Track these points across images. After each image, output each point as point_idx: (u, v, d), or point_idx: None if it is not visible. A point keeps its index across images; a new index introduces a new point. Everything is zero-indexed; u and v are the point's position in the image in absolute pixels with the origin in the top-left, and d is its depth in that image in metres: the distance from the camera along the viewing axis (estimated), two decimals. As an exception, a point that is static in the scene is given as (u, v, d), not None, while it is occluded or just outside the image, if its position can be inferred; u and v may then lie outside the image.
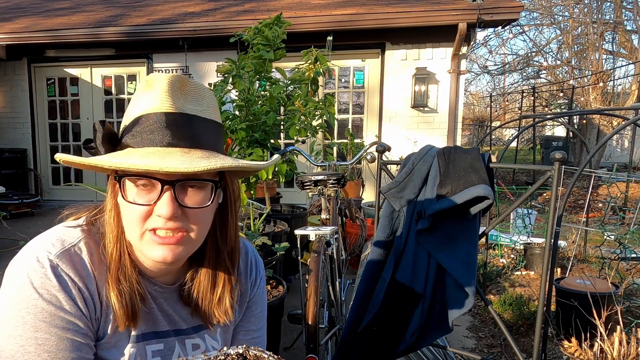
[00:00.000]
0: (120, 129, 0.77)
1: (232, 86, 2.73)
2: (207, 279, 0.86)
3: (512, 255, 4.14)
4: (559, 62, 12.21)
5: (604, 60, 10.27)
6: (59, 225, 0.82)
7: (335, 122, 6.04)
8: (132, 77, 6.98)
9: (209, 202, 0.76)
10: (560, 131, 15.25)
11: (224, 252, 0.86)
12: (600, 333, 2.04)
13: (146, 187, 0.73)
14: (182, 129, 0.73)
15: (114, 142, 0.75)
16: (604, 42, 10.41)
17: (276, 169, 2.56)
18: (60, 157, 0.73)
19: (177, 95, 0.74)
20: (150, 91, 0.74)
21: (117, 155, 0.72)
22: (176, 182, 0.72)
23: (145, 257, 0.79)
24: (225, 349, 0.75)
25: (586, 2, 10.82)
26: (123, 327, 0.79)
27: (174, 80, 0.75)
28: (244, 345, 0.75)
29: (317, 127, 3.04)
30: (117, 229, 0.78)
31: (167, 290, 0.86)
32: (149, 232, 0.74)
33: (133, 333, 0.81)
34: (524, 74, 13.44)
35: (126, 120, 0.76)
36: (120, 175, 0.73)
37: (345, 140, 5.99)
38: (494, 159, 8.06)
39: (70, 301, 0.73)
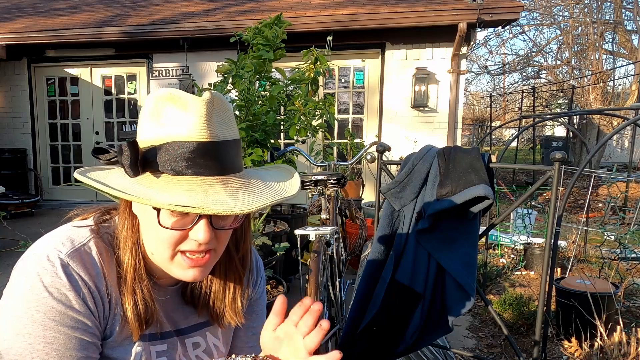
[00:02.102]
0: (142, 144, 0.73)
1: (232, 86, 2.73)
2: (219, 282, 0.88)
3: (512, 255, 4.14)
4: (559, 62, 12.21)
5: (604, 60, 10.27)
6: (67, 225, 0.82)
7: (335, 122, 6.04)
8: (132, 77, 6.98)
9: (238, 222, 0.79)
10: (560, 131, 15.25)
11: (235, 258, 0.88)
12: (600, 333, 2.04)
13: (181, 212, 0.72)
14: (218, 158, 0.72)
15: (144, 166, 0.72)
16: (604, 42, 10.41)
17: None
18: (105, 189, 0.72)
19: (211, 121, 0.72)
20: (183, 111, 0.71)
21: (158, 186, 0.70)
22: None
23: (172, 275, 0.80)
24: (233, 356, 0.77)
25: (586, 2, 10.82)
26: (137, 337, 0.80)
27: (209, 104, 0.72)
28: (252, 355, 0.76)
29: (317, 127, 3.04)
30: (132, 239, 0.79)
31: (170, 291, 0.87)
32: (180, 254, 0.76)
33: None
34: (524, 74, 13.44)
35: (150, 136, 0.72)
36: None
37: (345, 140, 5.99)
38: (494, 159, 8.06)
39: (79, 300, 0.73)
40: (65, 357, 0.72)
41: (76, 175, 0.75)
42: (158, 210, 0.71)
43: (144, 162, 0.72)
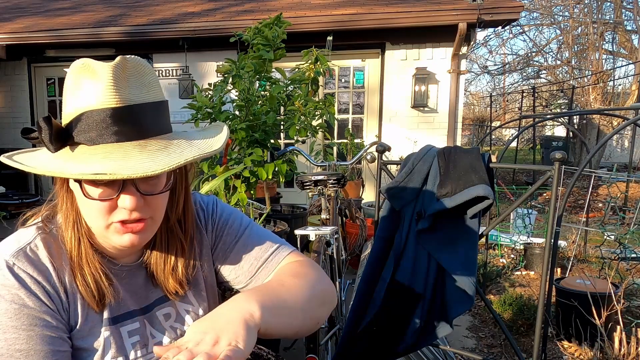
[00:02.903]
0: (64, 120, 0.73)
1: (232, 86, 2.73)
2: (161, 250, 0.87)
3: (512, 255, 4.14)
4: (559, 62, 12.21)
5: (604, 60, 10.27)
6: (19, 229, 0.83)
7: (335, 122, 6.04)
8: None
9: (169, 186, 0.78)
10: (560, 131, 15.23)
11: (173, 221, 0.87)
12: (600, 333, 2.04)
13: (105, 181, 0.72)
14: (133, 122, 0.71)
15: (64, 139, 0.72)
16: (604, 42, 10.41)
17: (276, 169, 2.56)
18: (21, 167, 0.73)
19: (122, 85, 0.71)
20: (92, 80, 0.71)
21: (75, 158, 0.70)
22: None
23: (112, 244, 0.79)
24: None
25: (586, 2, 10.82)
26: (97, 309, 0.80)
27: (116, 69, 0.71)
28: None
29: (317, 127, 3.05)
30: (72, 215, 0.79)
31: (131, 268, 0.87)
32: (114, 223, 0.75)
33: (105, 317, 0.81)
34: (524, 74, 13.44)
35: (69, 110, 0.73)
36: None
37: (345, 140, 5.99)
38: (494, 159, 8.05)
39: (32, 297, 0.73)
40: (30, 356, 0.72)
41: (1, 158, 0.75)
42: (80, 182, 0.72)
43: (62, 136, 0.72)
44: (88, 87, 0.71)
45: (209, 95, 2.78)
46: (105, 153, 0.69)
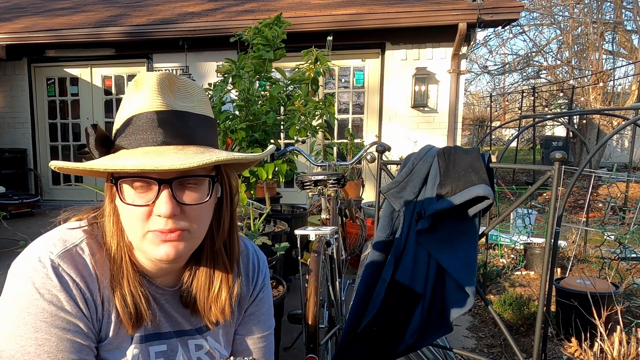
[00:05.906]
0: (113, 131, 0.76)
1: (232, 86, 2.73)
2: (205, 275, 0.85)
3: (512, 255, 4.14)
4: (559, 62, 12.21)
5: (604, 60, 10.26)
6: (61, 226, 0.81)
7: (335, 122, 6.04)
8: (132, 77, 6.91)
9: (207, 198, 0.76)
10: (560, 131, 15.24)
11: (219, 246, 0.85)
12: (600, 333, 2.04)
13: (143, 187, 0.72)
14: (175, 126, 0.73)
15: (107, 145, 0.74)
16: (604, 42, 10.41)
17: (276, 169, 2.56)
18: (54, 164, 0.74)
19: (167, 93, 0.74)
20: (139, 91, 0.74)
21: (111, 157, 0.72)
22: (173, 180, 0.72)
23: (147, 257, 0.79)
24: (232, 358, 0.76)
25: (586, 2, 10.82)
26: (131, 331, 0.79)
27: (162, 78, 0.74)
28: (251, 357, 0.76)
29: (317, 127, 3.05)
30: (117, 232, 0.78)
31: (168, 292, 0.86)
32: (150, 232, 0.74)
33: (136, 334, 0.81)
34: (524, 74, 13.44)
35: (118, 121, 0.75)
36: (116, 178, 0.73)
37: (345, 140, 5.98)
38: (494, 159, 8.05)
39: (71, 302, 0.73)
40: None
41: (51, 164, 0.76)
42: (117, 187, 0.73)
43: (106, 141, 0.74)
44: (135, 97, 0.74)
45: (209, 95, 2.78)
46: (143, 153, 0.70)
